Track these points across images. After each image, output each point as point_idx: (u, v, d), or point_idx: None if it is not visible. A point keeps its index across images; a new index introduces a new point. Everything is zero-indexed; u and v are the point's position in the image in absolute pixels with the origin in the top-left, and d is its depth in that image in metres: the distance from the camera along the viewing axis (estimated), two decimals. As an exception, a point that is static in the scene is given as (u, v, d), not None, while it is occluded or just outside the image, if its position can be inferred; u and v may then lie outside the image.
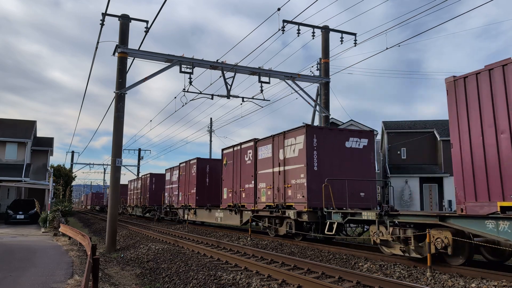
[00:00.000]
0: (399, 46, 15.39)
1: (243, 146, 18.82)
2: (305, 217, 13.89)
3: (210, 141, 41.44)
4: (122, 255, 13.96)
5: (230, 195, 19.71)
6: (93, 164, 60.69)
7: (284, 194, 15.12)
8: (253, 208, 17.26)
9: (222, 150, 21.17)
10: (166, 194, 30.91)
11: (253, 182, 17.52)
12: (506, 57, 8.08)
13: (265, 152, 16.80)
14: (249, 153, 18.14)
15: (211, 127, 41.68)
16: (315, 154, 14.27)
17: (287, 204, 14.95)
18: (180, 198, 27.11)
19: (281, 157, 15.51)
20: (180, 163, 27.82)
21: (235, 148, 19.59)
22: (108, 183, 18.28)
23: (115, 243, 16.16)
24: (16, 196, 35.85)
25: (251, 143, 18.02)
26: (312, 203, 13.84)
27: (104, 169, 79.00)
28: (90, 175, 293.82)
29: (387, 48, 15.63)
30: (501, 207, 7.92)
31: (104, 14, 16.05)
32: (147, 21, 16.47)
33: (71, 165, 59.27)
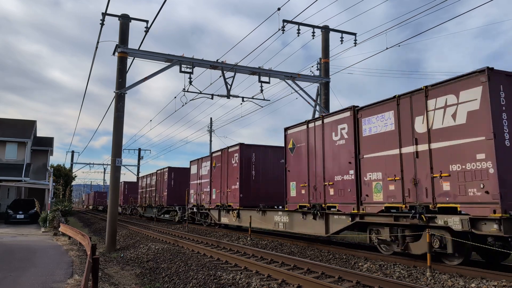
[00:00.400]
0: (399, 46, 15.38)
1: (327, 120, 13.31)
2: (492, 228, 8.27)
3: (210, 141, 41.51)
4: (122, 255, 13.97)
5: (302, 191, 14.28)
6: (93, 164, 60.86)
7: (432, 189, 9.54)
8: (354, 211, 11.79)
9: (286, 129, 15.50)
10: (192, 191, 25.76)
11: (351, 171, 12.13)
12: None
13: (379, 124, 11.29)
14: (342, 128, 12.67)
15: (211, 127, 41.73)
16: (505, 118, 8.57)
17: (439, 205, 9.39)
18: (213, 196, 22.07)
19: (420, 129, 9.96)
20: (212, 153, 23.06)
21: (312, 125, 14.04)
22: (108, 182, 18.27)
23: (115, 243, 16.19)
24: (16, 196, 35.88)
25: (347, 113, 12.40)
26: (508, 204, 8.26)
27: (104, 169, 79.23)
28: (90, 174, 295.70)
29: (387, 48, 15.64)
30: None
31: (104, 14, 16.07)
32: (147, 21, 16.50)
33: (71, 165, 59.38)
